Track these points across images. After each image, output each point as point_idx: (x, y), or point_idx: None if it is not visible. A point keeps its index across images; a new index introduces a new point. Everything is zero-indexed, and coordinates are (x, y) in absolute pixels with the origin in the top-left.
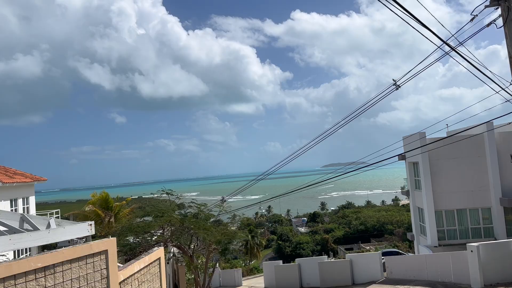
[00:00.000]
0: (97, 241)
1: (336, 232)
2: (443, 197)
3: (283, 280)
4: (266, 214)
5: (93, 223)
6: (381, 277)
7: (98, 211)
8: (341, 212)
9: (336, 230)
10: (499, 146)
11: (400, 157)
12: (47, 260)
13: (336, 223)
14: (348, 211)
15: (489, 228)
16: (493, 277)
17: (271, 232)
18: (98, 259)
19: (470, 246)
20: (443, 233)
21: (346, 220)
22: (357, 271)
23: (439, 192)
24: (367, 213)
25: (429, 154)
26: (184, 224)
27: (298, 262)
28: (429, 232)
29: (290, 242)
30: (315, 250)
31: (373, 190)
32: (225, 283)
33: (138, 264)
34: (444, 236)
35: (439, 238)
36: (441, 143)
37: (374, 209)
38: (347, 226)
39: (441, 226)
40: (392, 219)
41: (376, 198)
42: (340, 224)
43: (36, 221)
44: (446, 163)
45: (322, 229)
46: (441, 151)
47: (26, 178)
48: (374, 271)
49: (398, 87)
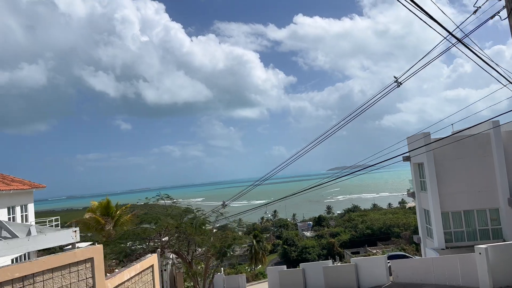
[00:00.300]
0: (81, 249)
1: (342, 236)
2: (449, 198)
3: (287, 285)
4: (272, 218)
5: (78, 230)
6: (387, 281)
7: (98, 218)
8: (347, 215)
9: (342, 234)
10: (506, 144)
11: (405, 158)
12: (26, 269)
13: (342, 227)
14: (354, 214)
15: (497, 229)
16: (503, 279)
17: (277, 237)
18: (83, 268)
19: (479, 248)
20: (450, 235)
21: (352, 224)
22: (362, 275)
23: (445, 193)
24: (374, 216)
25: (434, 155)
26: (180, 230)
27: (302, 267)
28: (436, 235)
29: (295, 246)
30: (321, 254)
31: (379, 193)
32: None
33: (129, 272)
34: (451, 238)
35: (446, 241)
36: (445, 142)
37: (380, 212)
38: (353, 230)
39: (448, 228)
40: (399, 221)
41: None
42: (346, 227)
43: (16, 228)
44: (451, 163)
45: (328, 233)
46: (447, 151)
47: (24, 185)
48: (380, 275)
49: (399, 84)
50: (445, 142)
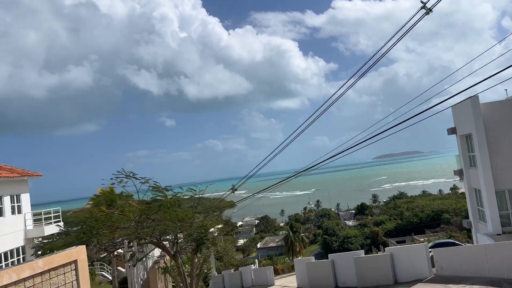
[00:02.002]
0: None
1: (387, 224)
2: (504, 173)
3: (316, 278)
4: (315, 209)
5: None
6: (429, 274)
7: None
8: (392, 203)
9: (387, 222)
10: None
11: (450, 131)
12: None
13: (387, 215)
14: (400, 201)
15: None
16: None
17: (318, 227)
18: None
19: None
20: (507, 218)
21: (398, 211)
22: (399, 267)
23: (499, 168)
24: (421, 203)
25: (485, 123)
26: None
27: (331, 258)
28: (489, 218)
29: (336, 236)
30: (365, 244)
31: (429, 179)
32: (257, 282)
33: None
34: (509, 222)
35: (502, 224)
36: (498, 107)
37: (428, 198)
38: (398, 218)
39: (504, 209)
40: (449, 207)
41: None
42: (391, 215)
43: None
44: (506, 131)
45: (372, 221)
46: (500, 117)
47: (13, 173)
48: (420, 267)
49: (429, 10)
50: (498, 108)
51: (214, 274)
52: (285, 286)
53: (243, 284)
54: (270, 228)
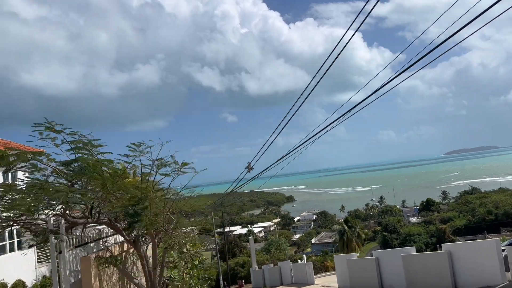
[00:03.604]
0: None
1: (455, 222)
2: None
3: (358, 278)
4: (379, 205)
5: None
6: (501, 280)
7: None
8: (462, 198)
9: (456, 219)
10: None
11: None
12: None
13: (456, 211)
14: (472, 197)
15: None
16: None
17: (378, 223)
18: None
19: None
20: None
21: (469, 208)
22: (460, 269)
23: None
24: (496, 198)
25: None
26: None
27: (376, 256)
28: None
29: (397, 233)
30: (430, 242)
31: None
32: (297, 279)
33: None
34: None
35: None
36: None
37: (505, 193)
38: (469, 214)
39: None
40: None
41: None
42: (461, 212)
43: None
44: None
45: (438, 218)
46: None
47: None
48: (490, 270)
49: None
50: None
51: (254, 268)
52: (325, 286)
53: (282, 281)
54: (328, 224)
